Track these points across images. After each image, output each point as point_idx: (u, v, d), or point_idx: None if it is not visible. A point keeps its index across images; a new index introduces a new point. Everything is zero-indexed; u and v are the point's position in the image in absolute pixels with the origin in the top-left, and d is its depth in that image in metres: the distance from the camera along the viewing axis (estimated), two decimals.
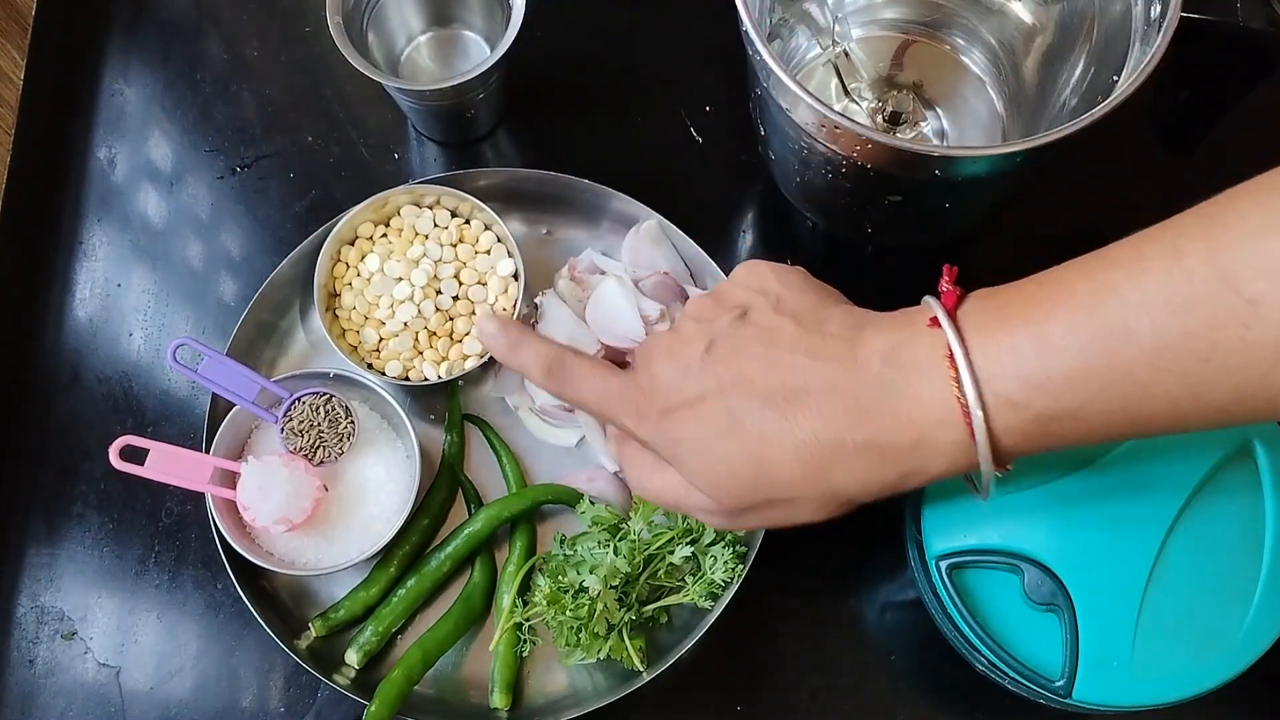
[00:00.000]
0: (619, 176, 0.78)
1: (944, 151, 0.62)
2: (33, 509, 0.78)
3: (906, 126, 0.80)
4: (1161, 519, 0.59)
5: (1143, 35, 0.64)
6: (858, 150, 0.61)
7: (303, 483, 0.71)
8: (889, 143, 0.60)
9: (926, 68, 0.82)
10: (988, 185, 0.65)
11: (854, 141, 0.61)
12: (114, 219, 0.84)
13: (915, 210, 0.69)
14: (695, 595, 0.70)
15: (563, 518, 0.76)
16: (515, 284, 0.76)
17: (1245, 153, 0.81)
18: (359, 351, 0.76)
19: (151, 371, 0.80)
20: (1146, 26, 0.64)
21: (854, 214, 0.71)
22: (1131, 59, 0.64)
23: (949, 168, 0.60)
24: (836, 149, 0.63)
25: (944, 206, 0.68)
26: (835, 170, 0.65)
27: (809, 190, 0.73)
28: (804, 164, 0.68)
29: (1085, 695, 0.59)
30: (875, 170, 0.63)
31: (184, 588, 0.76)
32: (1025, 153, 0.58)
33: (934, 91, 0.81)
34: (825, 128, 0.61)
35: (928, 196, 0.66)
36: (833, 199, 0.71)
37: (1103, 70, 0.68)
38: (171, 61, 0.88)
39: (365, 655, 0.71)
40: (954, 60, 0.82)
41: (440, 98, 0.76)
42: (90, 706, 0.74)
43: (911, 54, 0.82)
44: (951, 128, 0.81)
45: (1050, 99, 0.75)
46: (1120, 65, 0.65)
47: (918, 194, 0.66)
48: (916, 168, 0.61)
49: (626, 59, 0.87)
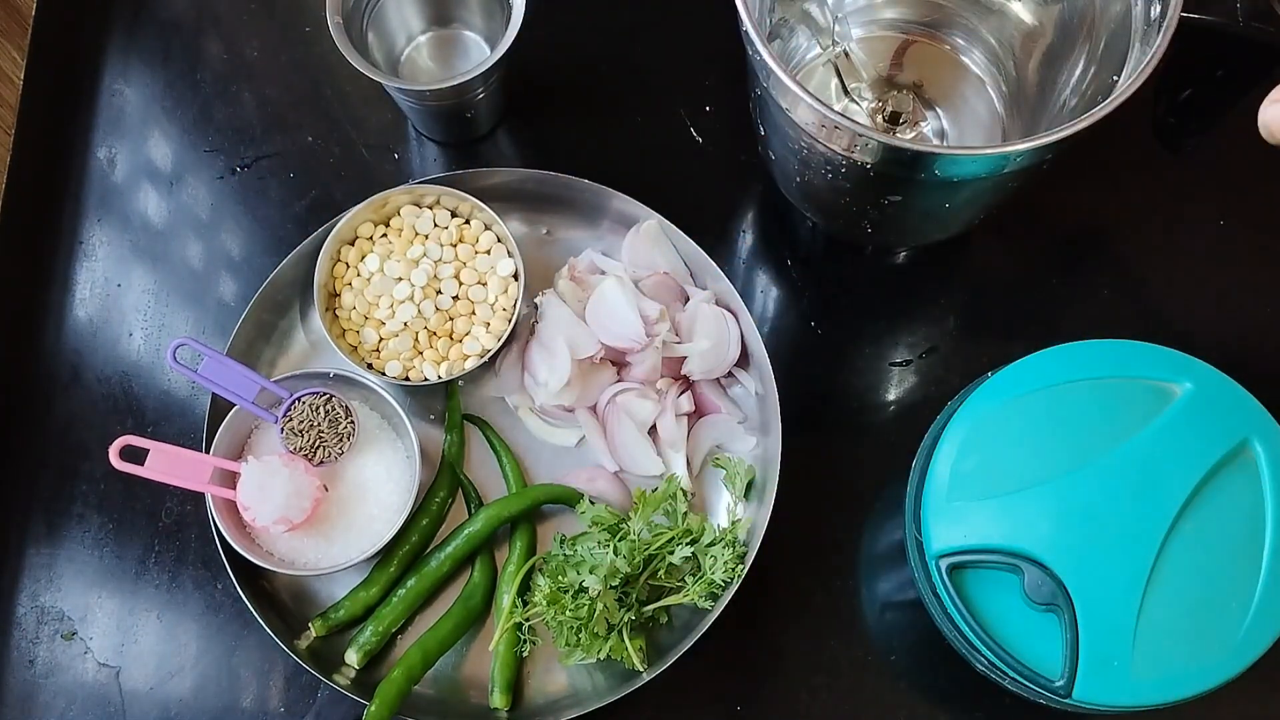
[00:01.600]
0: (619, 176, 0.78)
1: (943, 150, 0.62)
2: (33, 509, 0.78)
3: (906, 126, 0.80)
4: (1161, 519, 0.59)
5: (1143, 35, 0.64)
6: (857, 150, 0.61)
7: (303, 483, 0.71)
8: (888, 142, 0.60)
9: (926, 68, 0.82)
10: (987, 185, 0.65)
11: (853, 141, 0.61)
12: (114, 219, 0.84)
13: (915, 210, 0.69)
14: (695, 595, 0.70)
15: (563, 518, 0.76)
16: (515, 284, 0.76)
17: (1245, 153, 0.81)
18: (359, 351, 0.76)
19: (151, 371, 0.80)
20: (1147, 27, 0.64)
21: (854, 214, 0.71)
22: (1131, 59, 0.64)
23: (948, 167, 0.60)
24: (836, 149, 0.63)
25: (943, 207, 0.68)
26: (835, 170, 0.65)
27: (809, 190, 0.73)
28: (804, 164, 0.68)
29: (1085, 695, 0.59)
30: (875, 170, 0.63)
31: (184, 588, 0.76)
32: (1024, 153, 0.58)
33: (934, 92, 0.81)
34: (825, 127, 0.61)
35: (927, 197, 0.67)
36: (833, 199, 0.71)
37: (1103, 70, 0.68)
38: (171, 61, 0.88)
39: (365, 655, 0.71)
40: (954, 60, 0.82)
41: (440, 98, 0.76)
42: (90, 706, 0.74)
43: (911, 54, 0.82)
44: (951, 128, 0.81)
45: (1050, 99, 0.75)
46: (1120, 65, 0.65)
47: (917, 194, 0.66)
48: (915, 167, 0.61)
49: (626, 59, 0.87)
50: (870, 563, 0.75)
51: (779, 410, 0.72)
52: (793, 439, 0.72)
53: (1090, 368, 0.63)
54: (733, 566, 0.69)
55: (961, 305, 0.80)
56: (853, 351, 0.80)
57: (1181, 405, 0.61)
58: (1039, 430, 0.62)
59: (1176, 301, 0.80)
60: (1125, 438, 0.61)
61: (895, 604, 0.75)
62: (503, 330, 0.75)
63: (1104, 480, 0.60)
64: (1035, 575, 0.59)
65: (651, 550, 0.70)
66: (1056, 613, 0.59)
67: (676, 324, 0.76)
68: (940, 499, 0.62)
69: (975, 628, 0.61)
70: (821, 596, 0.75)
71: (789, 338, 0.80)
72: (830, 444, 0.78)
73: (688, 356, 0.75)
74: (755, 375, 0.76)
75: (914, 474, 0.67)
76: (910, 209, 0.69)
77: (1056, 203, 0.80)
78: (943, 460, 0.63)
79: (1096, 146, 0.63)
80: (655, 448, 0.75)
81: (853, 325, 0.80)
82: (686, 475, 0.74)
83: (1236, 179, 0.81)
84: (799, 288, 0.81)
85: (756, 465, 0.75)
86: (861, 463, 0.77)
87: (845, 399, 0.79)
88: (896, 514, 0.71)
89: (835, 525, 0.76)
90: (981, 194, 0.68)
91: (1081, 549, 0.59)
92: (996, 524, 0.61)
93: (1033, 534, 0.60)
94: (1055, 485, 0.60)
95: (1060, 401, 0.62)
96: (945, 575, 0.61)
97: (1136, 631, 0.58)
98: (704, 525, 0.72)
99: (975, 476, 0.62)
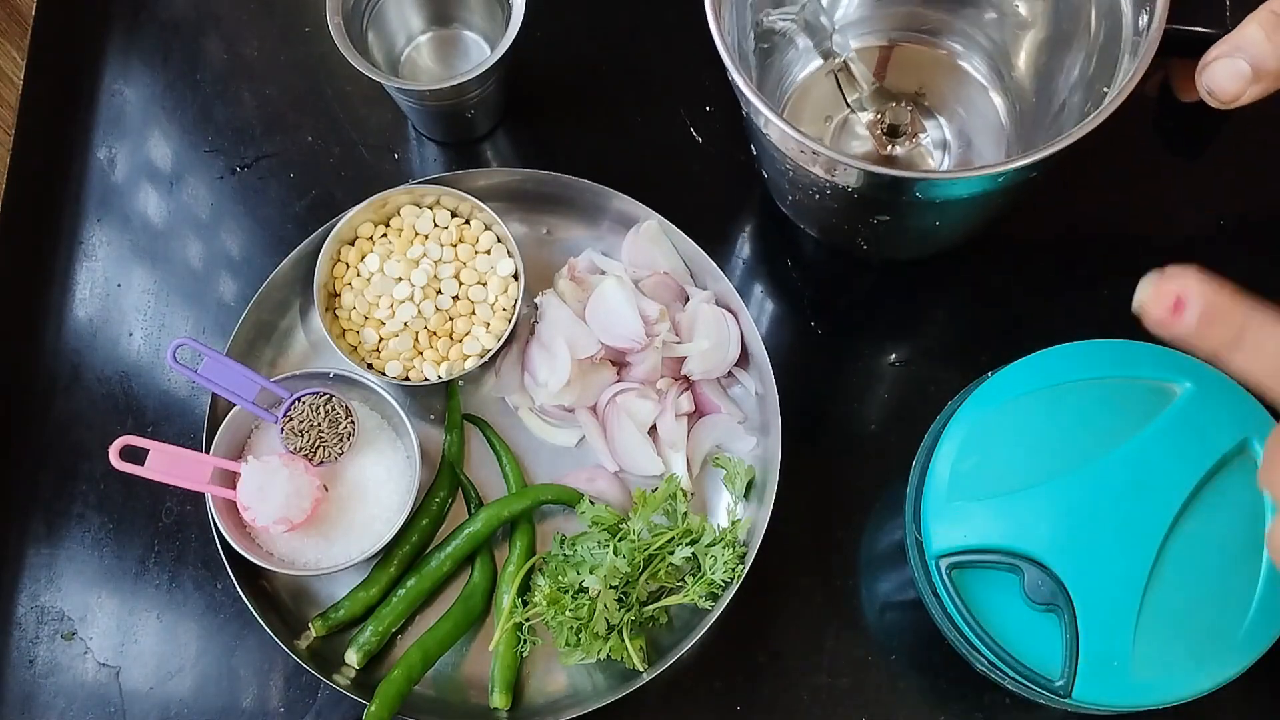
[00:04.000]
0: (619, 176, 0.78)
1: (919, 175, 0.61)
2: (33, 509, 0.78)
3: (905, 139, 0.79)
4: (1161, 519, 0.59)
5: (1132, 46, 0.63)
6: (838, 174, 0.61)
7: (303, 483, 0.71)
8: (865, 168, 0.59)
9: (925, 74, 0.81)
10: (977, 203, 0.64)
11: (830, 165, 0.60)
12: (114, 219, 0.84)
13: (906, 229, 0.69)
14: (695, 595, 0.70)
15: (563, 518, 0.76)
16: (515, 284, 0.76)
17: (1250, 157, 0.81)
18: (359, 351, 0.76)
19: (151, 371, 0.80)
20: (1136, 36, 0.63)
21: (845, 231, 0.71)
22: (1120, 69, 0.63)
23: (927, 191, 0.60)
24: (818, 172, 0.62)
25: (934, 224, 0.68)
26: (821, 191, 0.65)
27: (800, 208, 0.72)
28: (792, 184, 0.68)
29: (1085, 695, 0.59)
30: (858, 193, 0.62)
31: (184, 588, 0.76)
32: (1007, 173, 0.57)
33: (934, 99, 0.80)
34: (804, 152, 0.61)
35: (915, 216, 0.66)
36: (824, 217, 0.70)
37: (1096, 79, 0.67)
38: (171, 61, 0.88)
39: (365, 655, 0.71)
40: (953, 65, 0.81)
41: (440, 98, 0.76)
42: (90, 706, 0.74)
43: (909, 60, 0.81)
44: (955, 137, 0.80)
45: (1049, 101, 0.74)
46: (1111, 76, 0.64)
47: (906, 214, 0.65)
48: (898, 190, 0.60)
49: (626, 59, 0.87)
50: (870, 563, 0.75)
51: (779, 410, 0.72)
52: (793, 439, 0.72)
53: (1090, 368, 0.63)
54: (733, 566, 0.69)
55: (961, 305, 0.80)
56: (852, 351, 0.80)
57: (1181, 405, 0.61)
58: (1039, 430, 0.62)
59: None
60: (1125, 438, 0.61)
61: (895, 604, 0.75)
62: (503, 330, 0.75)
63: (1104, 480, 0.60)
64: (1035, 575, 0.59)
65: (651, 550, 0.70)
66: (1056, 613, 0.59)
67: (676, 324, 0.76)
68: (940, 499, 0.62)
69: (975, 628, 0.61)
70: (821, 596, 0.75)
71: (789, 338, 0.80)
72: (830, 444, 0.78)
73: (688, 356, 0.75)
74: (755, 375, 0.76)
75: (914, 474, 0.67)
76: (901, 228, 0.68)
77: (1060, 207, 0.80)
78: (943, 460, 0.63)
79: (1100, 150, 0.62)
80: (655, 448, 0.75)
81: (852, 325, 0.80)
82: (686, 475, 0.74)
83: (1241, 184, 0.81)
84: (798, 287, 0.81)
85: (756, 465, 0.75)
86: (861, 463, 0.77)
87: (845, 399, 0.79)
88: (896, 514, 0.71)
89: (835, 525, 0.76)
90: (973, 211, 0.67)
91: (1081, 549, 0.59)
92: (996, 524, 0.61)
93: (1033, 534, 0.60)
94: (1055, 485, 0.60)
95: (1060, 401, 0.62)
96: (945, 575, 0.61)
97: (1136, 631, 0.58)
98: (704, 525, 0.72)
99: (975, 476, 0.62)
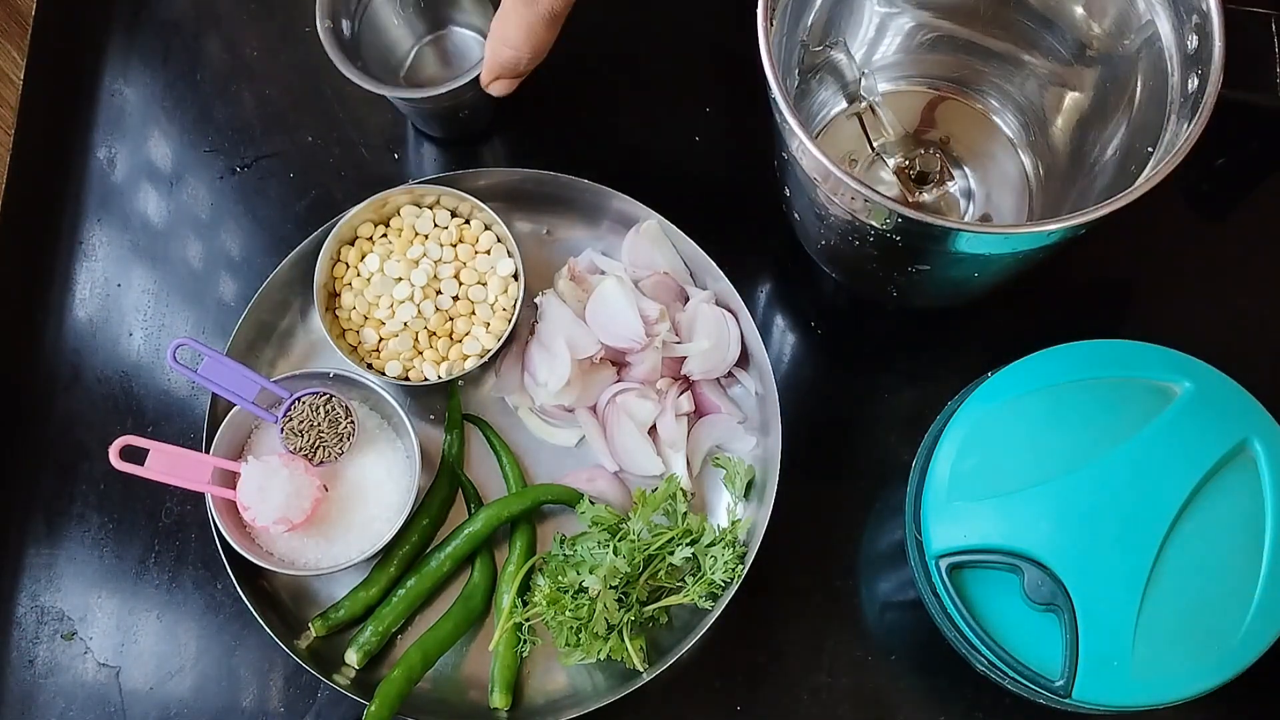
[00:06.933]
0: (619, 176, 0.78)
1: (981, 230, 0.59)
2: (33, 509, 0.78)
3: (933, 186, 0.78)
4: (1161, 519, 0.59)
5: (1179, 108, 0.62)
6: (887, 222, 0.60)
7: (303, 483, 0.71)
8: (922, 219, 0.58)
9: (955, 124, 0.79)
10: (1019, 258, 0.63)
11: (884, 215, 0.59)
12: (114, 219, 0.84)
13: (943, 279, 0.68)
14: (695, 595, 0.70)
15: (563, 518, 0.76)
16: (515, 284, 0.76)
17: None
18: (359, 351, 0.76)
19: (151, 371, 0.80)
20: (1183, 99, 0.61)
21: (879, 279, 0.70)
22: (1167, 132, 0.62)
23: (979, 245, 0.59)
24: (865, 220, 0.61)
25: (973, 276, 0.67)
26: (862, 238, 0.64)
27: (833, 254, 0.71)
28: (829, 229, 0.67)
29: (1085, 695, 0.59)
30: (904, 242, 0.61)
31: (184, 588, 0.76)
32: (1068, 229, 0.57)
33: (961, 149, 0.79)
34: (856, 200, 0.60)
35: (957, 268, 0.65)
36: (859, 264, 0.69)
37: (1138, 138, 0.66)
38: (171, 61, 0.88)
39: (365, 655, 0.71)
40: (984, 119, 0.80)
41: (437, 101, 0.76)
42: (90, 706, 0.74)
43: (941, 111, 0.80)
44: (979, 187, 0.79)
45: (1083, 162, 0.73)
46: (1155, 137, 0.63)
47: (947, 265, 0.64)
48: (943, 241, 0.59)
49: (626, 59, 0.87)
50: (870, 563, 0.75)
51: (779, 410, 0.72)
52: (793, 439, 0.72)
53: (1090, 368, 0.63)
54: (733, 566, 0.69)
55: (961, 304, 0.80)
56: (852, 351, 0.80)
57: (1181, 405, 0.61)
58: (1039, 430, 0.62)
59: (1176, 302, 0.80)
60: (1125, 438, 0.61)
61: (895, 604, 0.75)
62: (503, 330, 0.75)
63: (1104, 480, 0.60)
64: (1035, 575, 0.59)
65: (651, 550, 0.70)
66: (1056, 613, 0.59)
67: (676, 324, 0.76)
68: (940, 499, 0.62)
69: (975, 628, 0.61)
70: (821, 596, 0.75)
71: (789, 338, 0.80)
72: (830, 444, 0.78)
73: (688, 356, 0.75)
74: (755, 375, 0.76)
75: (914, 474, 0.67)
76: (940, 279, 0.67)
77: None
78: (943, 460, 0.63)
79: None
80: (655, 448, 0.75)
81: (852, 325, 0.80)
82: (686, 475, 0.74)
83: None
84: (798, 287, 0.81)
85: (756, 465, 0.75)
86: (861, 463, 0.77)
87: (845, 399, 0.79)
88: (896, 514, 0.71)
89: (835, 525, 0.76)
90: (1014, 265, 0.66)
91: (1081, 549, 0.59)
92: (996, 524, 0.61)
93: (1032, 534, 0.60)
94: (1055, 485, 0.60)
95: (1060, 401, 0.62)
96: (945, 575, 0.61)
97: (1136, 631, 0.58)
98: (704, 525, 0.72)
99: (975, 476, 0.62)
